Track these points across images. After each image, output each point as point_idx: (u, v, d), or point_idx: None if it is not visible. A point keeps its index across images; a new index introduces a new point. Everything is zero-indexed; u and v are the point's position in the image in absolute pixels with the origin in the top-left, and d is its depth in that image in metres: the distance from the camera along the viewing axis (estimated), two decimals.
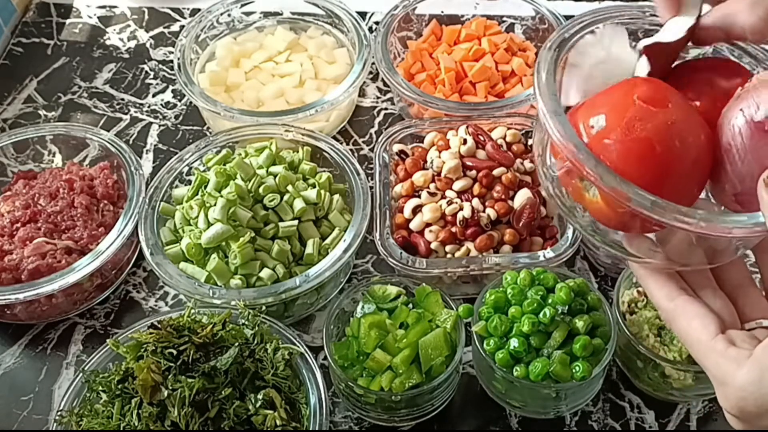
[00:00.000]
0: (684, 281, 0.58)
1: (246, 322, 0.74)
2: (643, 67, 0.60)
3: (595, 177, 0.52)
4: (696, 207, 0.57)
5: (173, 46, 1.08)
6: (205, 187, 0.85)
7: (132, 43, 1.16)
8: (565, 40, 0.61)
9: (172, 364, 0.69)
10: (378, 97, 1.09)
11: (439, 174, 0.86)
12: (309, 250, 0.84)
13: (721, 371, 0.52)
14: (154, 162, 1.02)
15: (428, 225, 0.84)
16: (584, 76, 0.62)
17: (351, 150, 1.01)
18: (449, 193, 0.85)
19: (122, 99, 1.09)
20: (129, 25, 1.19)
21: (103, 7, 1.22)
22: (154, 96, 1.10)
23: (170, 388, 0.67)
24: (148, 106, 1.08)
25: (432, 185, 0.86)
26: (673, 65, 0.62)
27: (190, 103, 1.07)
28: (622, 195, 0.51)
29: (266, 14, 1.11)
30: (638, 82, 0.57)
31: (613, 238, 0.60)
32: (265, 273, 0.81)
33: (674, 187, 0.54)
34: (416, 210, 0.85)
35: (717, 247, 0.57)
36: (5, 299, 0.80)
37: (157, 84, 1.11)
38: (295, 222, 0.84)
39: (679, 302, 0.56)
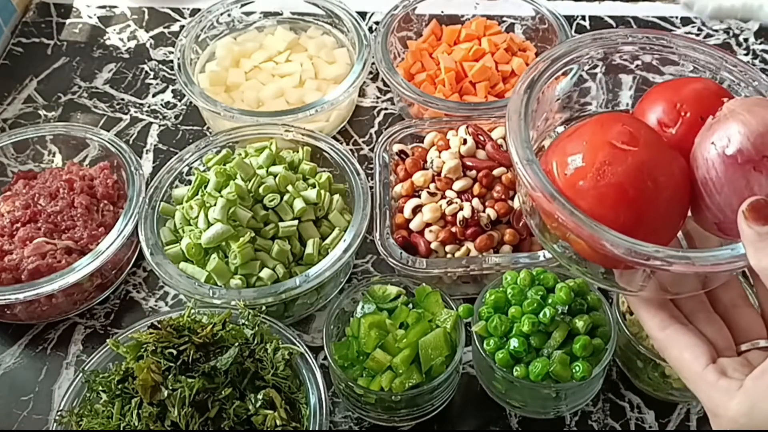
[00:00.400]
0: (677, 307, 0.58)
1: (246, 322, 0.74)
2: None
3: (570, 225, 0.52)
4: (687, 226, 0.57)
5: (173, 46, 1.08)
6: (205, 187, 0.85)
7: (132, 43, 1.16)
8: (534, 81, 0.61)
9: (172, 364, 0.69)
10: (378, 97, 1.09)
11: (439, 174, 0.86)
12: (309, 250, 0.84)
13: (713, 403, 0.52)
14: (154, 162, 1.02)
15: (428, 225, 0.84)
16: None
17: (351, 150, 1.01)
18: (449, 193, 0.85)
19: (122, 99, 1.09)
20: (129, 25, 1.19)
21: (103, 7, 1.22)
22: (154, 96, 1.10)
23: (170, 388, 0.67)
24: (148, 106, 1.08)
25: (432, 185, 0.86)
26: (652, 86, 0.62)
27: (190, 103, 1.07)
28: (597, 241, 0.51)
29: (266, 14, 1.11)
30: (609, 120, 0.57)
31: (602, 273, 0.60)
32: (265, 273, 0.81)
33: (652, 226, 0.54)
34: (416, 210, 0.85)
35: (707, 275, 0.56)
36: (5, 299, 0.80)
37: (157, 84, 1.11)
38: (295, 222, 0.84)
39: (670, 332, 0.56)
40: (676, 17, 1.18)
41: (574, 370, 0.70)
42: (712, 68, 0.64)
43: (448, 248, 0.83)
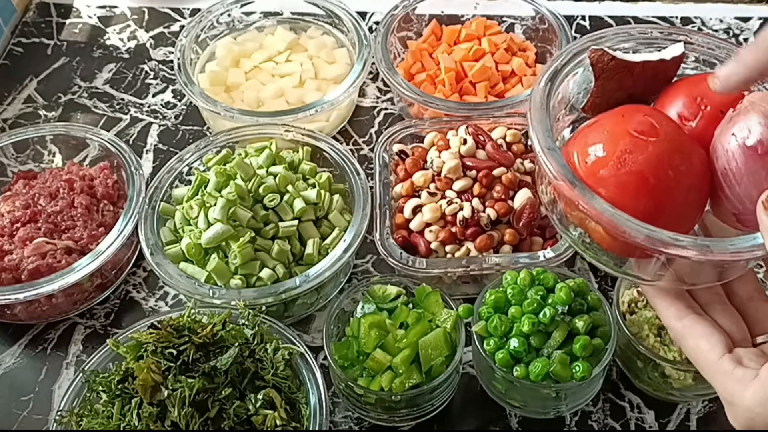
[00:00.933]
0: (693, 298, 0.58)
1: (246, 322, 0.74)
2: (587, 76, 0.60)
3: (591, 212, 0.53)
4: (704, 219, 0.57)
5: (173, 46, 1.08)
6: (205, 187, 0.85)
7: (132, 43, 1.16)
8: (557, 72, 0.61)
9: (172, 364, 0.69)
10: (378, 97, 1.09)
11: (439, 174, 0.86)
12: (309, 250, 0.84)
13: (728, 392, 0.53)
14: (154, 162, 1.02)
15: (428, 225, 0.84)
16: None
17: (351, 150, 1.01)
18: (449, 193, 0.85)
19: (122, 99, 1.09)
20: (129, 25, 1.19)
21: (103, 7, 1.22)
22: (154, 96, 1.10)
23: (170, 388, 0.67)
24: (148, 106, 1.08)
25: (432, 185, 0.86)
26: (672, 81, 0.62)
27: (190, 103, 1.07)
28: (618, 228, 0.52)
29: (266, 14, 1.11)
30: (630, 111, 0.57)
31: (623, 263, 0.60)
32: (265, 273, 0.81)
33: (672, 214, 0.54)
34: (416, 210, 0.85)
35: (725, 265, 0.57)
36: (5, 299, 0.80)
37: (157, 84, 1.11)
38: (295, 222, 0.84)
39: (686, 322, 0.56)
40: (676, 17, 1.18)
41: (574, 370, 0.70)
42: (719, 59, 0.64)
43: (448, 248, 0.83)
